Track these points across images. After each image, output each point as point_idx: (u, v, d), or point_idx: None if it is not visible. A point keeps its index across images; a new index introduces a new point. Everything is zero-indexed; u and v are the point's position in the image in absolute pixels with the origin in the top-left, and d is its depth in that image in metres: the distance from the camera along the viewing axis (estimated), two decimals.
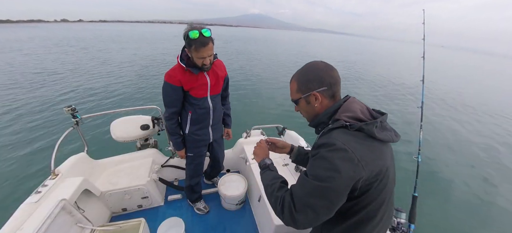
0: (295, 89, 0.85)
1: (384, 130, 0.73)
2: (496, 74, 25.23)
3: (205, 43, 1.32)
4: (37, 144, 4.42)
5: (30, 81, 8.61)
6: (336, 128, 0.72)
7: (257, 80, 10.14)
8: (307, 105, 0.83)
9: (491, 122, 7.26)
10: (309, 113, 0.86)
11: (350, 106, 0.76)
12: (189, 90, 1.52)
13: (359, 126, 0.69)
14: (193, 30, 1.29)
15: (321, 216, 0.67)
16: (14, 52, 15.83)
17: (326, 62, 0.82)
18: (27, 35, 31.66)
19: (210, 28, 1.34)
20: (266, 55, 19.96)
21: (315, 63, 0.82)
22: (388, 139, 0.71)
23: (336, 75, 0.80)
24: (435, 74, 17.22)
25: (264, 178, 0.91)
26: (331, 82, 0.78)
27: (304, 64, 0.85)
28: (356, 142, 0.66)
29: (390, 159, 0.76)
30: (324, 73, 0.78)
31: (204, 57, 1.36)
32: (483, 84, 16.22)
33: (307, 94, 0.81)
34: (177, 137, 1.71)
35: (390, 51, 45.22)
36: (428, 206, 3.22)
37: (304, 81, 0.81)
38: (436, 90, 10.84)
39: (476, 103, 9.52)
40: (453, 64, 33.30)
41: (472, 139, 5.70)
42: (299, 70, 0.85)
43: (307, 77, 0.80)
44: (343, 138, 0.67)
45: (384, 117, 0.76)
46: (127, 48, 20.20)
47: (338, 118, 0.75)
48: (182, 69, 1.45)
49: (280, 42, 39.90)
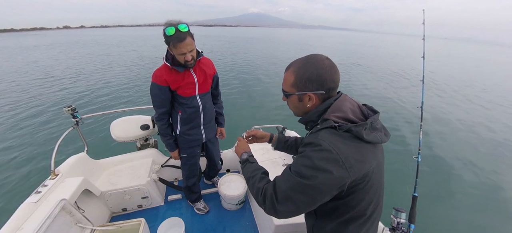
0: (291, 82, 0.78)
1: (373, 131, 0.71)
2: (501, 64, 25.05)
3: (182, 38, 1.29)
4: (37, 144, 4.42)
5: (30, 81, 8.62)
6: (325, 128, 0.71)
7: (257, 80, 10.13)
8: (299, 102, 0.80)
9: (494, 116, 7.18)
10: (298, 109, 0.83)
11: (341, 105, 0.73)
12: (176, 89, 1.51)
13: (348, 128, 0.67)
14: (169, 27, 1.27)
15: (301, 210, 0.69)
16: (18, 57, 15.85)
17: (331, 62, 0.76)
18: (32, 43, 31.66)
19: (187, 23, 1.32)
20: (266, 54, 19.95)
21: (319, 59, 0.75)
22: (377, 140, 0.70)
23: (337, 79, 0.75)
24: (438, 68, 17.00)
25: (245, 171, 0.93)
26: (330, 87, 0.74)
27: (307, 56, 0.77)
28: (343, 143, 0.66)
29: (379, 159, 0.74)
30: (327, 75, 0.73)
31: (184, 53, 1.34)
32: (487, 75, 15.97)
33: (302, 92, 0.76)
34: (169, 138, 1.70)
35: (391, 45, 44.93)
36: (428, 206, 3.22)
37: (303, 78, 0.75)
38: (436, 87, 10.79)
39: (479, 96, 9.37)
40: (456, 55, 33.24)
41: (473, 136, 5.70)
42: (300, 62, 0.77)
43: (308, 74, 0.74)
44: (330, 139, 0.66)
45: (376, 117, 0.74)
46: (127, 50, 20.21)
47: (327, 118, 0.72)
48: (168, 68, 1.44)
49: (280, 41, 39.87)
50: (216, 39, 36.29)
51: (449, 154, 4.79)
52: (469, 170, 4.29)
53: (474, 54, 39.54)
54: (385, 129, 0.76)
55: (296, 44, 32.72)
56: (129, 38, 40.50)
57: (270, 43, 34.32)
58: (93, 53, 17.23)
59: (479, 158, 4.72)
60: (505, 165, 4.53)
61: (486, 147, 5.23)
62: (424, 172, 3.94)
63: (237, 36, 53.11)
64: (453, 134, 5.78)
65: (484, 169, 4.35)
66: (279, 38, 46.38)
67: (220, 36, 49.40)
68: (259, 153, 2.29)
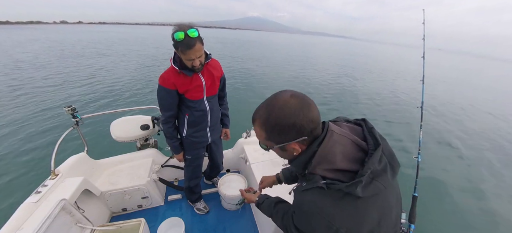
0: (264, 137, 0.65)
1: (375, 178, 0.57)
2: (495, 77, 25.23)
3: (191, 44, 1.25)
4: (37, 144, 4.42)
5: (30, 81, 8.61)
6: (311, 189, 0.61)
7: (257, 80, 10.14)
8: (283, 152, 0.69)
9: (491, 121, 7.25)
10: (284, 157, 0.73)
11: (328, 151, 0.60)
12: (184, 93, 1.48)
13: (338, 188, 0.56)
14: (179, 31, 1.23)
15: None
16: (15, 54, 15.84)
17: (299, 96, 0.61)
18: (28, 37, 31.61)
19: (198, 28, 1.28)
20: (267, 56, 19.96)
21: (284, 102, 0.60)
22: (378, 190, 0.56)
23: (315, 115, 0.61)
24: (435, 76, 17.18)
25: (265, 212, 0.99)
26: (311, 128, 0.60)
27: (269, 101, 0.63)
28: (333, 206, 0.57)
29: (387, 204, 0.61)
30: (301, 119, 0.58)
31: (192, 59, 1.31)
32: (482, 86, 16.19)
33: (282, 145, 0.64)
34: (175, 141, 1.67)
35: (386, 54, 45.16)
36: (428, 206, 3.22)
37: (274, 131, 0.62)
38: (435, 90, 10.84)
39: (476, 102, 9.50)
40: (450, 66, 33.43)
41: (472, 138, 5.70)
42: (264, 113, 0.62)
43: (279, 127, 0.60)
44: (318, 204, 0.58)
45: (377, 154, 0.58)
46: (127, 49, 20.21)
47: (313, 172, 0.62)
48: (176, 72, 1.40)
49: (280, 45, 39.90)
50: (216, 41, 36.24)
51: (449, 154, 4.79)
52: (469, 170, 4.29)
53: (465, 65, 39.86)
54: (392, 160, 0.61)
55: (295, 47, 32.71)
56: (129, 36, 40.49)
57: (270, 46, 34.34)
58: (93, 52, 17.22)
59: (480, 157, 4.72)
60: (504, 164, 4.54)
61: (488, 147, 5.23)
62: (425, 172, 3.94)
63: (237, 38, 53.05)
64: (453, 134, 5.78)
65: (485, 168, 4.35)
66: (278, 42, 46.37)
67: (221, 38, 49.37)
68: (259, 153, 2.28)
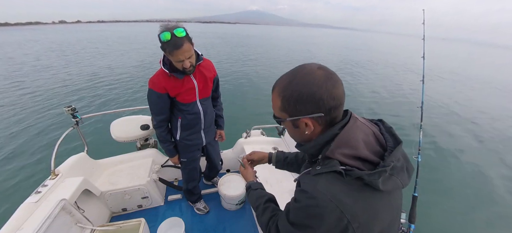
0: (278, 107, 0.61)
1: (394, 174, 0.53)
2: (497, 66, 25.17)
3: (178, 45, 1.18)
4: (37, 144, 4.42)
5: (30, 81, 8.62)
6: (327, 173, 0.55)
7: (257, 79, 10.13)
8: (294, 128, 0.63)
9: (493, 117, 7.21)
10: (295, 136, 0.67)
11: (350, 136, 0.55)
12: (175, 96, 1.42)
13: (359, 175, 0.51)
14: (165, 32, 1.16)
15: None
16: (14, 54, 15.85)
17: (327, 70, 0.56)
18: (27, 38, 31.55)
19: (185, 27, 1.21)
20: (266, 52, 19.90)
21: (310, 71, 0.56)
22: (397, 186, 0.54)
23: (340, 93, 0.55)
24: (437, 68, 17.01)
25: (249, 200, 0.93)
26: (331, 106, 0.55)
27: (294, 69, 0.59)
28: (349, 196, 0.51)
29: (398, 206, 0.60)
30: (323, 91, 0.53)
31: (182, 60, 1.24)
32: (484, 76, 16.00)
33: (295, 118, 0.59)
34: (169, 144, 1.64)
35: (389, 45, 44.90)
36: (428, 206, 3.22)
37: (292, 100, 0.57)
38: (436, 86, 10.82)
39: (478, 96, 9.42)
40: (454, 55, 33.46)
41: (473, 136, 5.70)
42: (286, 80, 0.59)
43: (298, 94, 0.55)
44: (332, 190, 0.52)
45: (397, 151, 0.55)
46: (126, 48, 20.20)
47: (330, 156, 0.55)
48: (166, 75, 1.33)
49: (280, 39, 39.77)
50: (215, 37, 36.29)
51: (449, 153, 4.79)
52: (470, 170, 4.29)
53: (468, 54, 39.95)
54: (407, 163, 0.58)
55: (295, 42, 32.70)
56: (128, 35, 40.43)
57: (270, 40, 34.31)
58: (93, 51, 17.22)
59: (480, 157, 4.72)
60: (504, 164, 4.54)
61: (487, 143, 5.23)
62: (424, 172, 3.94)
63: (236, 33, 53.00)
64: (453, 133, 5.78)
65: (484, 167, 4.35)
66: (278, 36, 46.35)
67: (221, 34, 49.31)
68: (257, 148, 2.28)
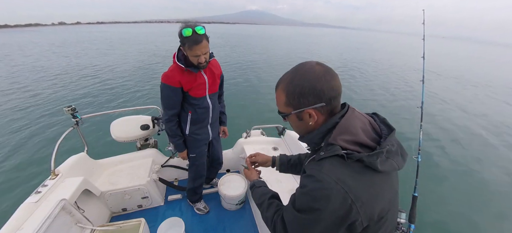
0: (283, 102, 0.68)
1: (390, 157, 0.60)
2: (499, 64, 25.10)
3: (198, 40, 1.31)
4: (37, 144, 4.42)
5: (29, 81, 8.62)
6: (330, 157, 0.61)
7: (257, 79, 10.12)
8: (299, 121, 0.70)
9: (495, 117, 7.20)
10: (300, 129, 0.73)
11: (349, 124, 0.62)
12: (188, 91, 1.51)
13: (359, 157, 0.57)
14: (186, 28, 1.29)
15: None
16: (15, 55, 15.87)
17: (325, 66, 0.64)
18: (27, 40, 31.55)
19: (204, 26, 1.34)
20: (266, 52, 19.91)
21: (310, 67, 0.64)
22: (393, 168, 0.61)
23: (337, 84, 0.63)
24: (438, 66, 16.96)
25: (254, 197, 0.94)
26: (331, 96, 0.62)
27: (295, 67, 0.68)
28: (352, 177, 0.57)
29: (396, 187, 0.66)
30: (323, 84, 0.61)
31: (199, 55, 1.35)
32: (486, 74, 15.94)
33: (299, 110, 0.66)
34: (178, 139, 1.69)
35: (390, 44, 44.81)
36: (428, 206, 3.22)
37: (295, 94, 0.64)
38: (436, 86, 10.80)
39: (478, 96, 9.40)
40: (454, 54, 33.42)
41: (473, 136, 5.70)
42: (289, 76, 0.67)
43: (300, 88, 0.63)
44: (336, 173, 0.57)
45: (392, 137, 0.63)
46: (126, 48, 20.21)
47: (332, 142, 0.61)
48: (181, 69, 1.43)
49: (280, 39, 39.74)
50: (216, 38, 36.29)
51: (448, 153, 4.79)
52: (470, 170, 4.29)
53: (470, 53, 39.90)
54: (401, 149, 0.65)
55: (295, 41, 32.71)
56: (128, 36, 40.44)
57: (269, 40, 34.32)
58: (93, 52, 17.24)
59: (480, 157, 4.72)
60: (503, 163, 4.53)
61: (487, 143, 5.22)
62: (424, 172, 3.94)
63: (236, 33, 53.02)
64: (452, 133, 5.77)
65: (485, 167, 4.35)
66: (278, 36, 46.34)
67: (221, 34, 49.30)
68: (258, 148, 2.28)
